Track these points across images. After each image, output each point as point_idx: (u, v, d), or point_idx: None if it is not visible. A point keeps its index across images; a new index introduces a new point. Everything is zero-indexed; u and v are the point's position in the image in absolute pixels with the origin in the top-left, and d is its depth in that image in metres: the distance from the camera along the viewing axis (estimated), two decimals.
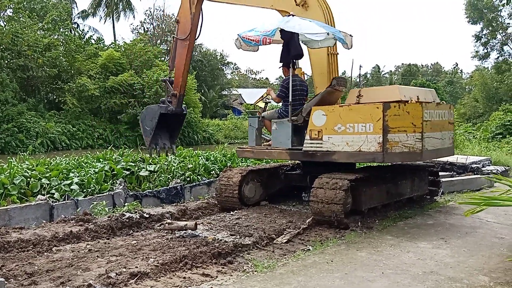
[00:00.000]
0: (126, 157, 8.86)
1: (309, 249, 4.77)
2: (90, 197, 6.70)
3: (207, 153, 10.14)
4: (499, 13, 35.21)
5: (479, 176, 9.04)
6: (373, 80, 69.71)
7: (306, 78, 8.10)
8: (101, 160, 8.51)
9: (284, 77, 7.06)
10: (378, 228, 5.66)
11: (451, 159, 10.04)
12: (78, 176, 7.23)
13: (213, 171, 8.96)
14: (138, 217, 5.80)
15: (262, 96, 8.23)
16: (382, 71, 77.15)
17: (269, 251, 4.78)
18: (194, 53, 46.46)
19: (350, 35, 6.76)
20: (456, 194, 8.14)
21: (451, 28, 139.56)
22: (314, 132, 6.19)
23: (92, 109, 28.82)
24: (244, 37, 6.27)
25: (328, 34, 6.02)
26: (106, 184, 7.29)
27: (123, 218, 5.65)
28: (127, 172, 8.04)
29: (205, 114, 40.20)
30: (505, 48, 38.01)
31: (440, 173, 8.27)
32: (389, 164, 7.16)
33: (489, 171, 9.49)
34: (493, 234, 5.33)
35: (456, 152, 12.20)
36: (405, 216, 6.30)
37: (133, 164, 8.33)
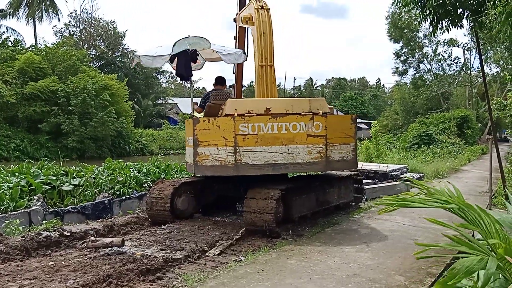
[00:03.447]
0: (47, 170, 8.21)
1: (241, 260, 4.79)
2: (2, 215, 6.09)
3: (139, 165, 9.76)
4: (417, 33, 38.79)
5: (398, 182, 9.79)
6: (306, 92, 72.60)
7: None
8: (16, 174, 7.79)
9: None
10: (308, 235, 5.86)
11: (374, 167, 10.78)
12: None
13: (146, 184, 8.64)
14: (58, 235, 5.37)
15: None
16: (315, 84, 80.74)
17: (201, 264, 4.72)
18: (126, 59, 44.81)
19: (242, 50, 7.20)
20: (378, 200, 8.72)
21: (376, 45, 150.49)
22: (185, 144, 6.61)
23: (8, 118, 26.34)
24: None
25: (169, 55, 6.61)
26: (22, 200, 6.68)
27: (40, 237, 5.20)
28: (48, 187, 7.45)
29: (138, 124, 38.70)
30: (421, 65, 41.94)
31: (364, 181, 8.81)
32: (319, 173, 7.49)
33: (406, 178, 10.32)
34: (409, 236, 5.80)
35: (378, 161, 13.13)
36: (333, 223, 6.61)
37: (54, 178, 7.74)
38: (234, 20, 8.67)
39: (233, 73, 9.21)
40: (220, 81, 7.63)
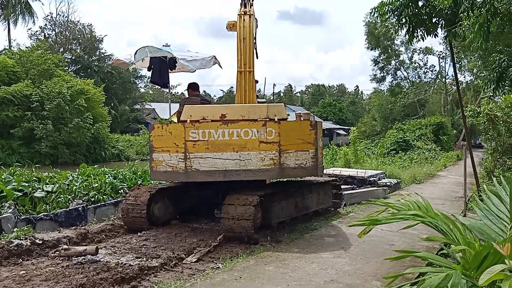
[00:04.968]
0: (19, 176, 7.94)
1: (218, 267, 4.73)
2: None
3: (115, 171, 9.56)
4: (393, 41, 39.74)
5: (376, 188, 9.91)
6: (286, 98, 73.15)
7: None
8: None
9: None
10: (286, 241, 5.84)
11: (352, 173, 10.89)
12: None
13: (122, 190, 8.46)
14: (29, 243, 5.20)
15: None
16: (294, 90, 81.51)
17: (178, 271, 4.64)
18: (103, 64, 44.06)
19: (212, 56, 7.25)
20: (356, 205, 8.80)
21: (355, 52, 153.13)
22: None
23: None
24: None
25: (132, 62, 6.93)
26: None
27: (11, 245, 5.02)
28: (20, 194, 7.21)
29: (115, 129, 37.99)
30: (398, 72, 42.96)
31: (342, 186, 8.88)
32: (298, 179, 7.50)
33: (384, 184, 10.48)
34: (386, 241, 5.87)
35: (356, 167, 13.29)
36: (311, 228, 6.62)
37: (26, 184, 7.49)
38: None
39: None
40: (192, 86, 7.58)
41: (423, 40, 8.10)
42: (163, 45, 7.53)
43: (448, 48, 29.66)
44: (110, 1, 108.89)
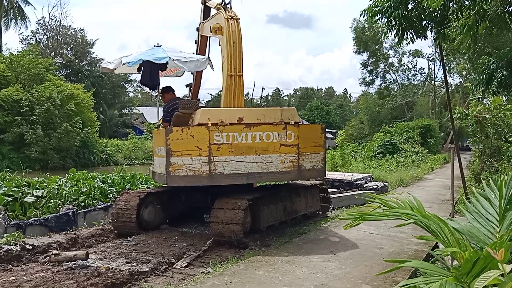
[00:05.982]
0: (9, 181, 7.89)
1: (209, 272, 4.76)
2: None
3: (104, 175, 9.54)
4: (381, 45, 40.18)
5: (363, 191, 10.01)
6: (273, 102, 73.40)
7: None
8: None
9: (164, 103, 7.32)
10: (275, 245, 5.89)
11: (339, 176, 10.99)
12: None
13: (111, 195, 8.45)
14: (19, 249, 5.18)
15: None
16: (281, 94, 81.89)
17: (168, 276, 4.66)
18: (93, 68, 43.72)
19: (206, 57, 7.32)
20: (344, 209, 8.89)
21: (344, 55, 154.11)
22: (153, 154, 6.56)
23: None
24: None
25: (121, 64, 6.88)
26: None
27: (0, 251, 5.00)
28: (10, 199, 7.15)
29: (104, 134, 37.68)
30: (387, 76, 43.42)
31: (330, 190, 8.96)
32: (285, 182, 7.57)
33: (371, 187, 10.57)
34: (375, 244, 5.95)
35: (343, 170, 13.41)
36: (300, 232, 6.68)
37: (16, 189, 7.44)
38: (197, 29, 8.67)
39: (191, 73, 9.04)
40: (171, 89, 7.54)
41: (413, 43, 8.21)
42: (154, 45, 7.48)
43: (438, 51, 30.11)
44: (102, 4, 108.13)
